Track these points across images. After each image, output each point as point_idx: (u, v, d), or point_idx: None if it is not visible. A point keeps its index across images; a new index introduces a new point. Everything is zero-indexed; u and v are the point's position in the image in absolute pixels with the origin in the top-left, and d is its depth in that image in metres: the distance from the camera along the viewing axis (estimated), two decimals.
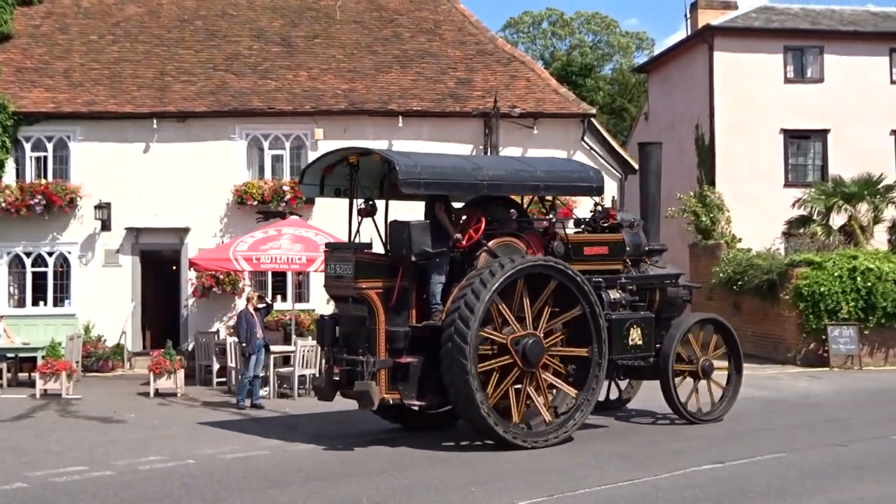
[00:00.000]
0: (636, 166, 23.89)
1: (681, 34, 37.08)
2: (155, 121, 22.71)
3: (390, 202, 14.41)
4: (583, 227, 15.11)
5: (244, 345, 17.06)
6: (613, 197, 14.80)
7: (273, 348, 18.48)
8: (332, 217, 22.40)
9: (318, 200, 22.45)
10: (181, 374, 18.48)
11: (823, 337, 23.02)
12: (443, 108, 23.44)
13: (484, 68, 24.89)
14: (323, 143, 22.88)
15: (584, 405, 13.41)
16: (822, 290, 23.03)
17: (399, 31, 25.99)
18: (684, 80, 34.48)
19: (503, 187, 13.90)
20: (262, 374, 17.62)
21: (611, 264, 14.50)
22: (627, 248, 14.80)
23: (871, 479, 10.95)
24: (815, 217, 28.22)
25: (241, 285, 22.13)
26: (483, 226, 13.40)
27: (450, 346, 12.44)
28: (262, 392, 17.60)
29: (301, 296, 22.82)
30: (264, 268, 19.28)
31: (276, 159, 23.28)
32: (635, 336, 14.12)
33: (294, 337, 19.58)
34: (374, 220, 13.64)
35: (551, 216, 14.74)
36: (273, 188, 22.36)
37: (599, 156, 23.78)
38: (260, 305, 17.83)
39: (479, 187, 13.52)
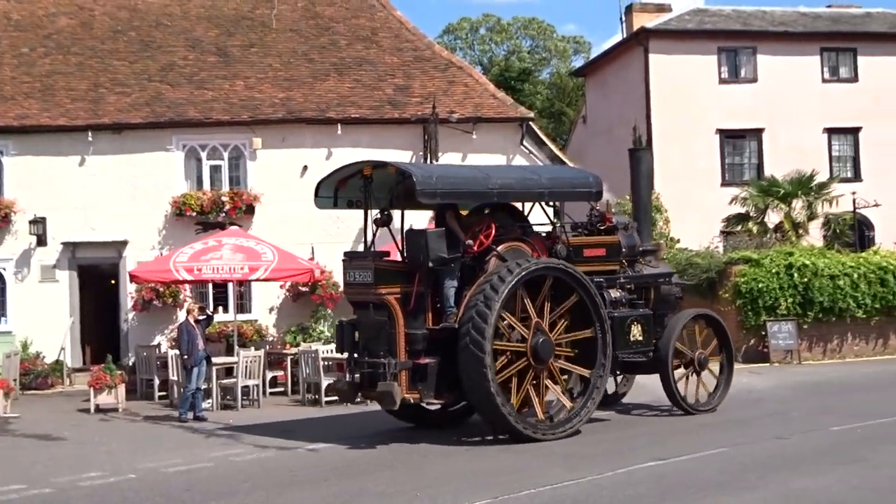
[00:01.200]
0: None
1: (617, 38, 37.47)
2: (90, 133, 22.40)
3: (392, 209, 14.94)
4: (580, 230, 15.68)
5: (185, 357, 16.88)
6: (608, 201, 15.55)
7: (216, 360, 18.32)
8: (272, 226, 22.38)
9: (258, 210, 22.44)
10: (122, 388, 18.21)
11: (763, 333, 23.35)
12: (381, 114, 23.42)
13: (422, 74, 24.91)
14: (261, 153, 22.79)
15: (582, 410, 13.95)
16: (760, 286, 23.37)
17: (336, 39, 25.92)
18: (621, 83, 34.85)
19: (511, 195, 14.71)
20: (204, 387, 17.45)
21: (608, 265, 15.23)
22: (623, 250, 15.50)
23: (811, 471, 11.11)
24: (751, 215, 28.64)
25: (182, 297, 21.88)
26: (493, 232, 14.05)
27: (467, 340, 13.04)
28: (205, 404, 17.43)
29: (243, 306, 22.63)
30: (206, 278, 19.13)
31: (215, 170, 23.07)
32: (636, 332, 14.87)
33: (237, 348, 19.43)
34: (389, 228, 14.43)
35: (556, 221, 15.45)
36: (212, 199, 22.16)
37: (539, 160, 23.88)
38: (200, 317, 17.65)
39: (489, 195, 14.27)
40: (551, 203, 15.68)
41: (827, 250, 25.55)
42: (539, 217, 15.21)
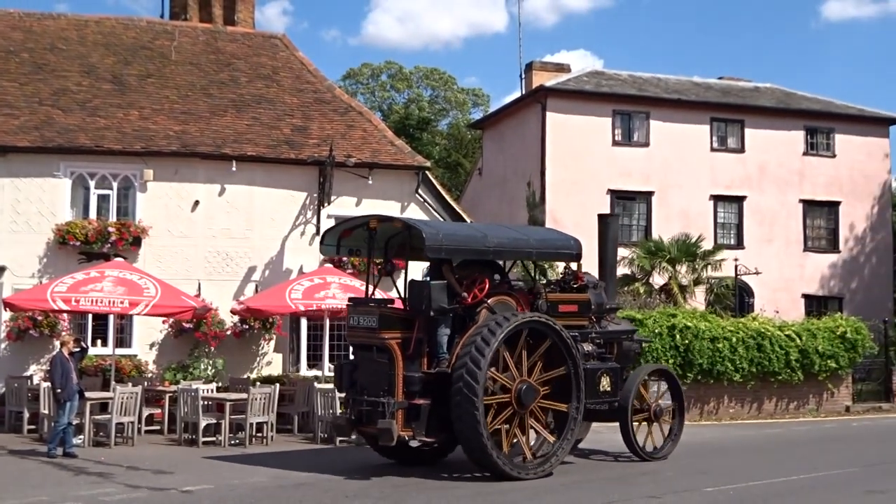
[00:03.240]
0: (468, 220, 24.29)
1: (517, 94, 38.08)
2: None
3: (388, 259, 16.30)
4: (552, 287, 16.72)
5: (58, 391, 16.34)
6: (580, 263, 16.58)
7: (90, 394, 17.78)
8: (159, 260, 21.96)
9: (145, 243, 21.98)
10: None
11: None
12: (277, 154, 23.26)
13: (321, 116, 24.89)
14: (152, 185, 22.35)
15: (560, 450, 15.11)
16: (643, 346, 23.75)
17: (236, 76, 25.74)
18: (518, 138, 35.36)
19: (505, 253, 16.06)
20: (76, 422, 16.90)
21: (580, 320, 16.31)
22: (592, 307, 16.56)
23: None
24: (638, 276, 29.20)
25: (60, 328, 21.22)
26: (487, 286, 15.21)
27: (461, 384, 14.02)
28: (76, 440, 16.87)
29: (123, 340, 22.06)
30: (83, 310, 18.60)
31: (103, 199, 22.53)
32: (605, 383, 16.14)
33: (113, 383, 18.89)
34: (392, 278, 15.96)
35: (540, 279, 16.62)
36: (98, 229, 21.62)
37: (433, 209, 24.02)
38: (75, 349, 17.15)
39: (487, 252, 15.47)
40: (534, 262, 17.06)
41: (708, 314, 26.17)
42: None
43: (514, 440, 14.84)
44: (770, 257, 34.69)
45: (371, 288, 15.75)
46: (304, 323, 22.80)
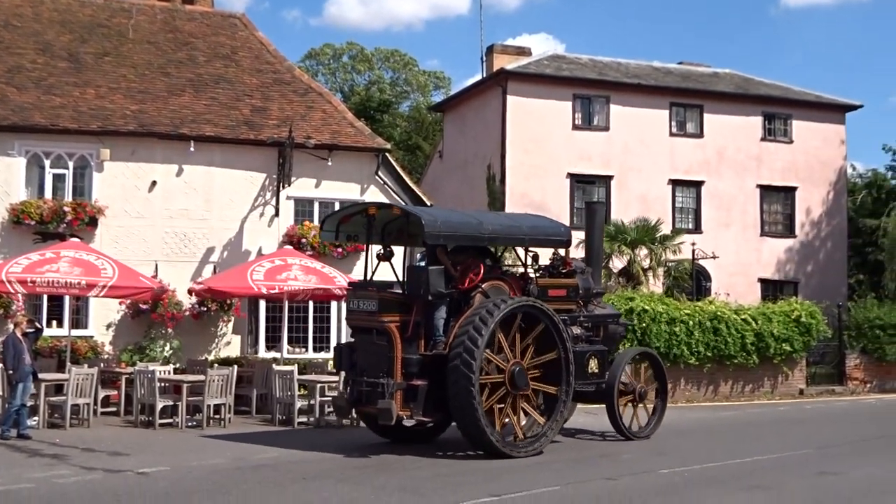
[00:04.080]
0: (428, 202, 24.26)
1: (478, 77, 38.02)
2: None
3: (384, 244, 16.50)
4: (541, 272, 17.11)
5: (11, 372, 16.17)
6: (567, 249, 17.69)
7: (45, 376, 17.59)
8: (115, 241, 21.74)
9: (102, 223, 21.73)
10: None
11: None
12: (236, 134, 23.08)
13: (280, 97, 24.71)
14: (109, 165, 22.10)
15: (550, 430, 15.63)
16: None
17: (194, 55, 25.48)
18: (478, 121, 35.34)
19: (499, 239, 16.71)
20: (30, 403, 16.72)
21: (568, 304, 16.77)
22: (580, 291, 17.07)
23: None
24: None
25: (14, 309, 20.95)
26: (482, 272, 15.63)
27: (458, 363, 14.49)
28: (31, 422, 16.69)
29: (79, 321, 21.80)
30: (40, 291, 18.38)
31: (58, 179, 22.22)
32: (593, 365, 16.79)
33: (69, 364, 18.69)
34: (391, 263, 16.05)
35: (533, 264, 16.92)
36: (53, 208, 21.33)
37: (393, 191, 23.97)
38: (29, 330, 16.95)
39: (482, 239, 16.10)
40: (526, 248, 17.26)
41: (666, 297, 26.37)
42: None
43: (507, 420, 15.31)
44: (727, 242, 34.99)
45: (371, 272, 16.13)
46: (262, 304, 22.68)
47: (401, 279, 15.92)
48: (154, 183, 22.37)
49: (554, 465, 14.72)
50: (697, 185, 35.47)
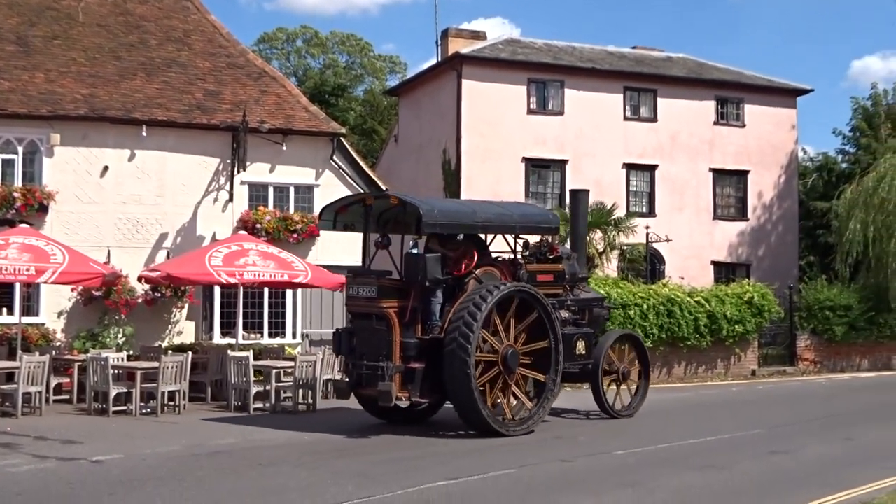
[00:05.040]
0: (384, 187, 24.22)
1: (433, 61, 37.92)
2: None
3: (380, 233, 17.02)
4: (530, 257, 17.77)
5: None
6: (554, 236, 18.49)
7: None
8: (67, 227, 21.47)
9: (52, 209, 21.45)
10: None
11: None
12: (189, 119, 22.85)
13: (234, 81, 24.49)
14: (59, 150, 21.78)
15: (540, 410, 16.34)
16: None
17: (146, 38, 25.16)
18: (433, 105, 35.28)
19: (492, 227, 17.12)
20: None
21: (555, 289, 17.57)
22: (566, 276, 17.84)
23: (592, 492, 11.47)
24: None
25: None
26: (476, 259, 16.32)
27: (454, 345, 15.12)
28: None
29: (30, 308, 21.51)
30: None
31: (7, 164, 21.85)
32: (580, 347, 17.53)
33: (20, 352, 18.45)
34: (388, 250, 16.56)
35: (523, 251, 17.70)
36: (2, 194, 20.99)
37: (348, 175, 23.88)
38: None
39: (476, 227, 16.76)
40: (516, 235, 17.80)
41: (620, 281, 26.56)
42: None
43: (498, 400, 15.99)
44: (681, 225, 35.29)
45: (370, 260, 16.77)
46: (217, 290, 22.51)
47: (398, 266, 16.49)
48: (106, 168, 22.11)
49: (510, 447, 14.81)
50: (651, 168, 35.71)
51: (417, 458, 13.78)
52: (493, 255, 17.36)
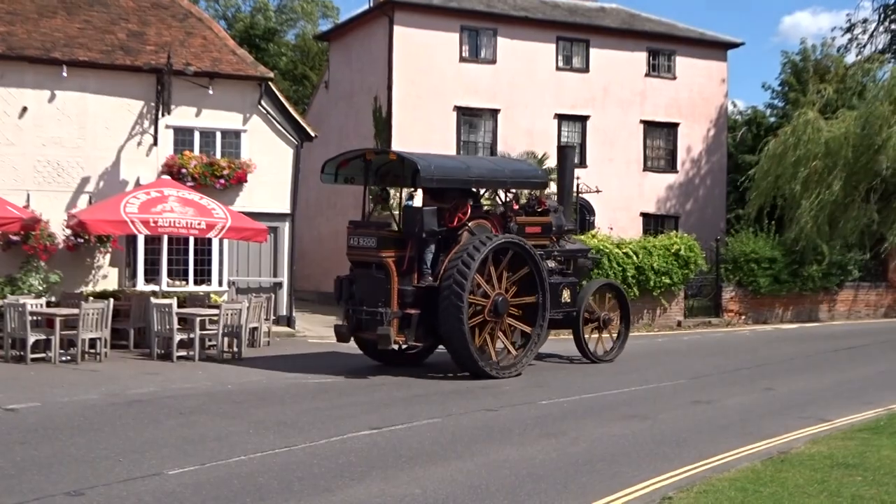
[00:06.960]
0: (313, 133, 23.88)
1: (365, 6, 37.32)
2: None
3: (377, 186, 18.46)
4: (519, 210, 18.60)
5: None
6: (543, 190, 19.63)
7: None
8: None
9: None
10: None
11: None
12: (112, 60, 22.22)
13: (158, 22, 23.85)
14: None
15: (526, 356, 17.37)
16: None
17: None
18: (365, 52, 34.79)
19: (485, 182, 18.32)
20: None
21: (542, 240, 18.53)
22: (553, 228, 18.87)
23: (516, 442, 11.48)
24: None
25: None
26: (469, 211, 17.15)
27: (448, 293, 16.17)
28: None
29: None
30: None
31: None
32: (566, 295, 18.72)
33: None
34: (388, 204, 18.18)
35: (512, 204, 18.55)
36: None
37: (276, 121, 23.50)
38: None
39: (470, 182, 17.82)
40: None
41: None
42: None
43: (485, 345, 16.89)
44: (611, 176, 35.38)
45: (368, 212, 17.94)
46: (140, 237, 22.07)
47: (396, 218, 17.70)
48: (25, 109, 21.47)
49: (435, 396, 14.81)
50: (583, 119, 35.68)
51: (340, 407, 13.69)
52: (486, 209, 18.32)
